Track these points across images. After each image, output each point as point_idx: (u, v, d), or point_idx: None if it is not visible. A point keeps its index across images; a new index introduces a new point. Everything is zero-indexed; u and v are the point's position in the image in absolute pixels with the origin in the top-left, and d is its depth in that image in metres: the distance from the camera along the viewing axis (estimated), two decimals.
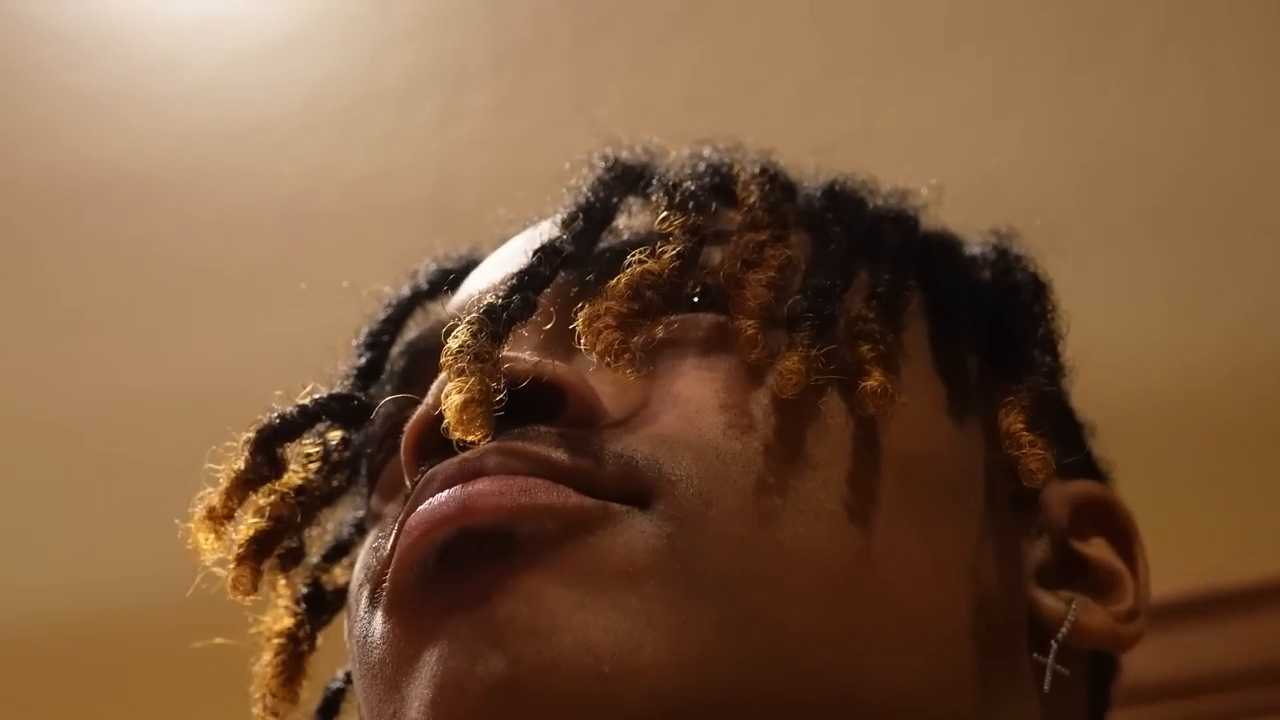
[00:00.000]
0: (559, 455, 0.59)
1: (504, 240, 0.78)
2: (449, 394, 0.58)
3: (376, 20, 1.89)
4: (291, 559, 0.76)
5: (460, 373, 0.58)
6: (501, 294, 0.64)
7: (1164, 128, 1.97)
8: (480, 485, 0.58)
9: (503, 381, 0.59)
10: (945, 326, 0.72)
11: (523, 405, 0.60)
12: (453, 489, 0.58)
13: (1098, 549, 0.72)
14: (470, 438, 0.58)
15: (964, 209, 0.79)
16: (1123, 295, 2.13)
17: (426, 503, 0.59)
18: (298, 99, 1.96)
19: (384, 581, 0.61)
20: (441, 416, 0.59)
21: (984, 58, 1.93)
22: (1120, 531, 0.73)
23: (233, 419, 0.74)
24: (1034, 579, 0.69)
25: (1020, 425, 0.67)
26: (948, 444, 0.67)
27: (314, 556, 0.78)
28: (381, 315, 0.82)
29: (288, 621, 0.76)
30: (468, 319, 0.61)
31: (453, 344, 0.60)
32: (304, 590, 0.77)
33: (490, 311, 0.62)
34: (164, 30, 1.88)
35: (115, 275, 2.12)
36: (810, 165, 0.78)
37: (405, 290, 0.83)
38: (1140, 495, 0.82)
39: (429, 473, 0.60)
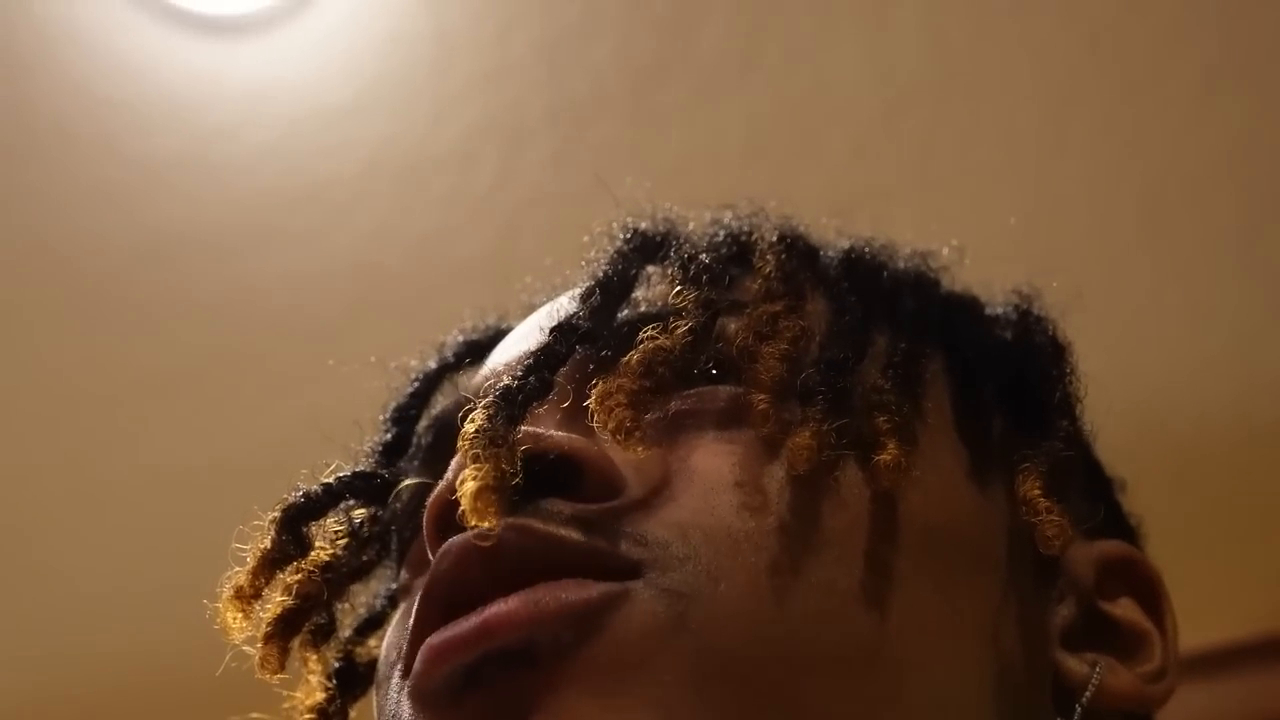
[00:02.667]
0: (571, 534, 0.59)
1: (532, 309, 0.78)
2: (464, 480, 0.59)
3: (433, 82, 1.91)
4: (322, 634, 0.76)
5: (475, 459, 0.59)
6: (518, 374, 0.64)
7: (1220, 162, 1.96)
8: (496, 608, 0.58)
9: (519, 464, 0.59)
10: (966, 390, 0.71)
11: (544, 477, 0.60)
12: (470, 618, 0.58)
13: (1125, 609, 0.71)
14: (483, 524, 0.58)
15: (1022, 249, 0.79)
16: (1184, 329, 2.12)
17: (449, 629, 0.59)
18: (357, 162, 1.98)
19: (412, 668, 0.61)
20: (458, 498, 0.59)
21: (1037, 99, 1.93)
22: (1147, 590, 0.72)
23: (298, 481, 0.74)
24: (1059, 641, 0.68)
25: (1037, 491, 0.67)
26: (968, 509, 0.67)
27: (346, 630, 0.78)
28: (408, 390, 0.82)
29: (319, 696, 0.76)
30: (484, 402, 0.62)
31: (469, 428, 0.60)
32: (336, 665, 0.77)
33: (506, 394, 0.63)
34: (222, 98, 1.91)
35: (180, 341, 2.14)
36: (845, 223, 0.78)
37: (432, 364, 0.83)
38: (1203, 529, 0.81)
39: (443, 548, 0.61)
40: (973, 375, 0.72)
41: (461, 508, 0.58)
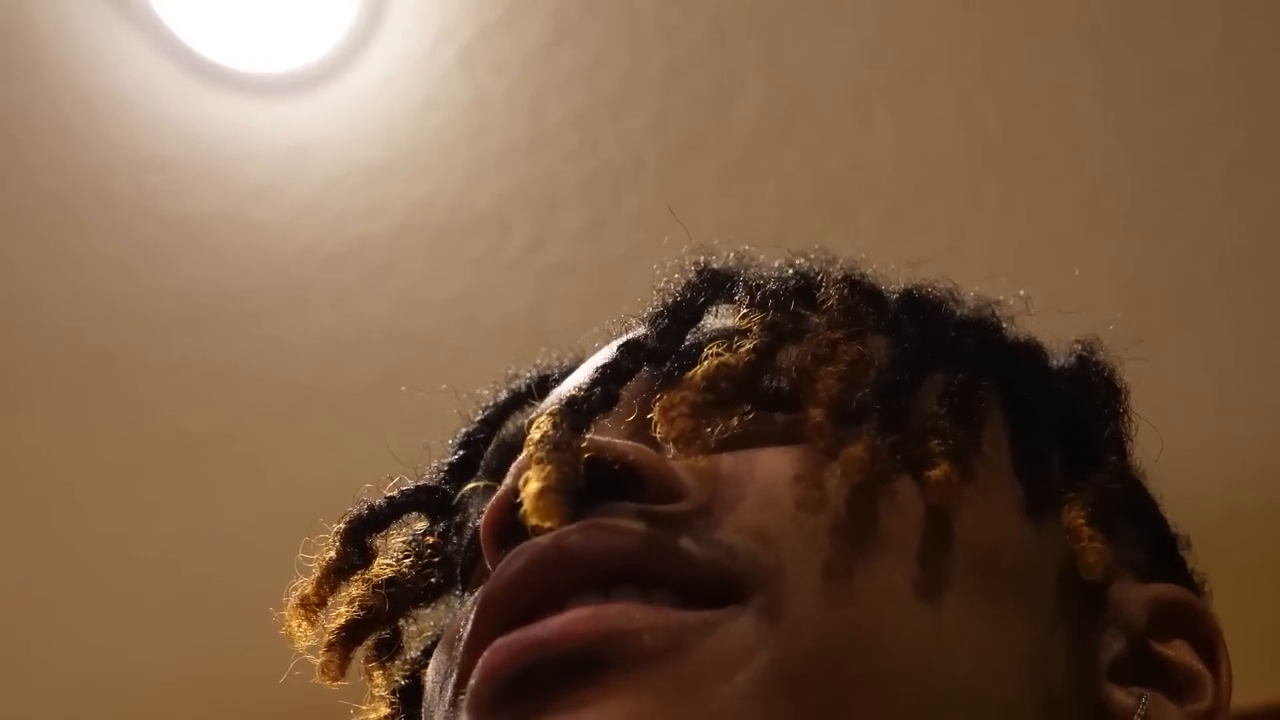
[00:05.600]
0: (652, 534, 0.60)
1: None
2: (527, 480, 0.59)
3: (469, 147, 1.92)
4: (386, 650, 0.77)
5: (540, 461, 0.59)
6: (584, 387, 0.66)
7: (1250, 242, 1.97)
8: (580, 613, 0.58)
9: (582, 470, 0.60)
10: (1024, 427, 0.72)
11: (606, 488, 0.61)
12: (547, 620, 0.58)
13: (1178, 650, 0.71)
14: (546, 524, 0.58)
15: (1053, 327, 0.80)
16: (1214, 408, 2.12)
17: (524, 630, 0.58)
18: (393, 223, 1.99)
19: (469, 675, 0.60)
20: (521, 501, 0.59)
21: (1068, 182, 1.94)
22: (1203, 635, 0.72)
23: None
24: (1107, 675, 0.68)
25: (1081, 520, 0.68)
26: (1019, 540, 0.67)
27: (414, 651, 0.79)
28: (478, 416, 0.83)
29: (384, 711, 0.77)
30: (549, 410, 0.63)
31: (535, 434, 0.61)
32: (401, 683, 0.78)
33: (572, 403, 0.64)
34: (260, 158, 1.93)
35: (216, 398, 2.15)
36: (903, 276, 0.79)
37: (503, 393, 0.84)
38: (1228, 604, 0.82)
39: (513, 551, 0.60)
40: (1029, 413, 0.73)
41: (523, 509, 0.59)
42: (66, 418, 2.15)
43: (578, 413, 0.63)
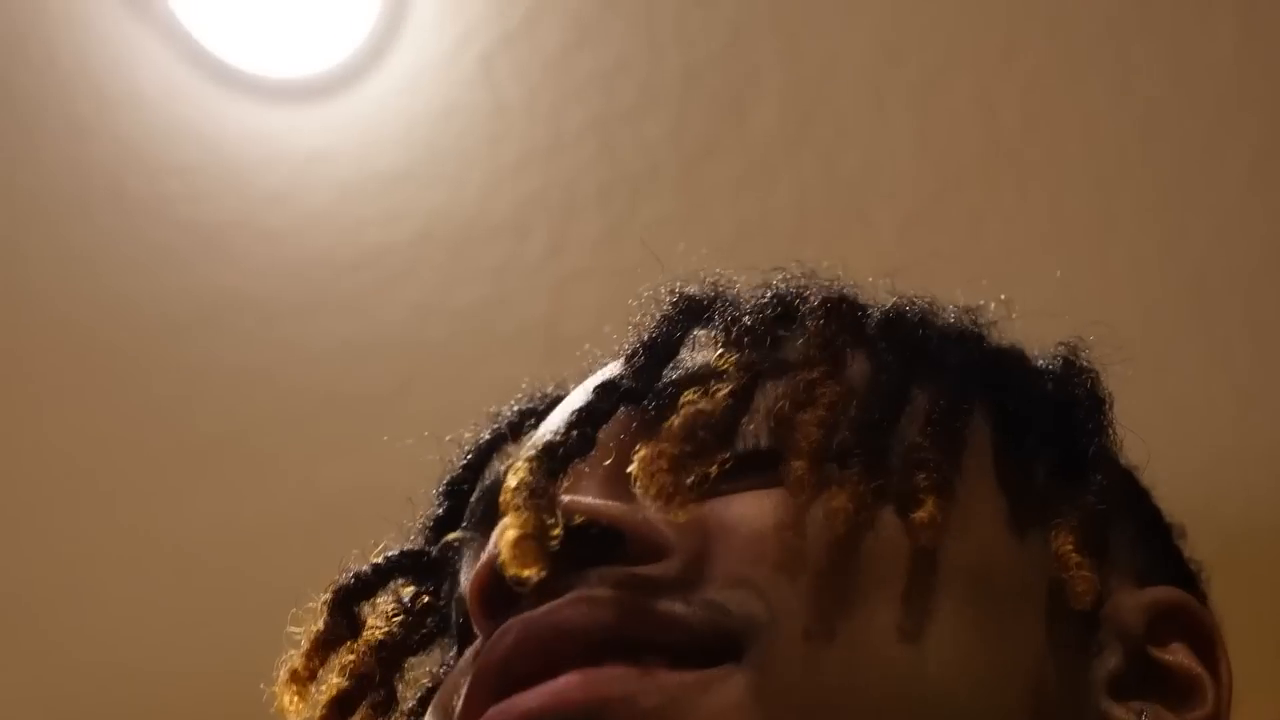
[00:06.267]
0: (643, 601, 0.59)
1: (585, 377, 0.78)
2: (504, 529, 0.59)
3: (487, 153, 1.92)
4: (381, 710, 0.75)
5: (517, 509, 0.59)
6: (560, 431, 0.65)
7: (1271, 240, 1.96)
8: (570, 679, 0.57)
9: (559, 519, 0.59)
10: (1009, 441, 0.71)
11: (583, 546, 0.60)
12: (539, 688, 0.58)
13: (1177, 654, 0.70)
14: (524, 574, 0.58)
15: (1069, 331, 0.79)
16: (1231, 412, 2.11)
17: (518, 698, 0.58)
18: (410, 230, 1.99)
19: None
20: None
21: (1086, 182, 1.94)
22: (1201, 635, 0.71)
23: (346, 546, 0.75)
24: (1105, 690, 0.68)
25: (1069, 547, 0.67)
26: (1008, 560, 0.67)
27: (409, 702, 0.78)
28: (461, 462, 0.82)
29: None
30: (525, 456, 0.62)
31: (510, 481, 0.60)
32: None
33: (548, 449, 0.63)
34: (277, 163, 1.93)
35: (231, 403, 2.15)
36: (890, 288, 0.78)
37: (485, 434, 0.83)
38: (1245, 612, 0.81)
39: (503, 626, 0.60)
40: (1015, 426, 0.72)
41: (500, 558, 0.58)
42: (83, 417, 2.16)
43: (554, 458, 0.63)
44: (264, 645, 0.71)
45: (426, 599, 0.75)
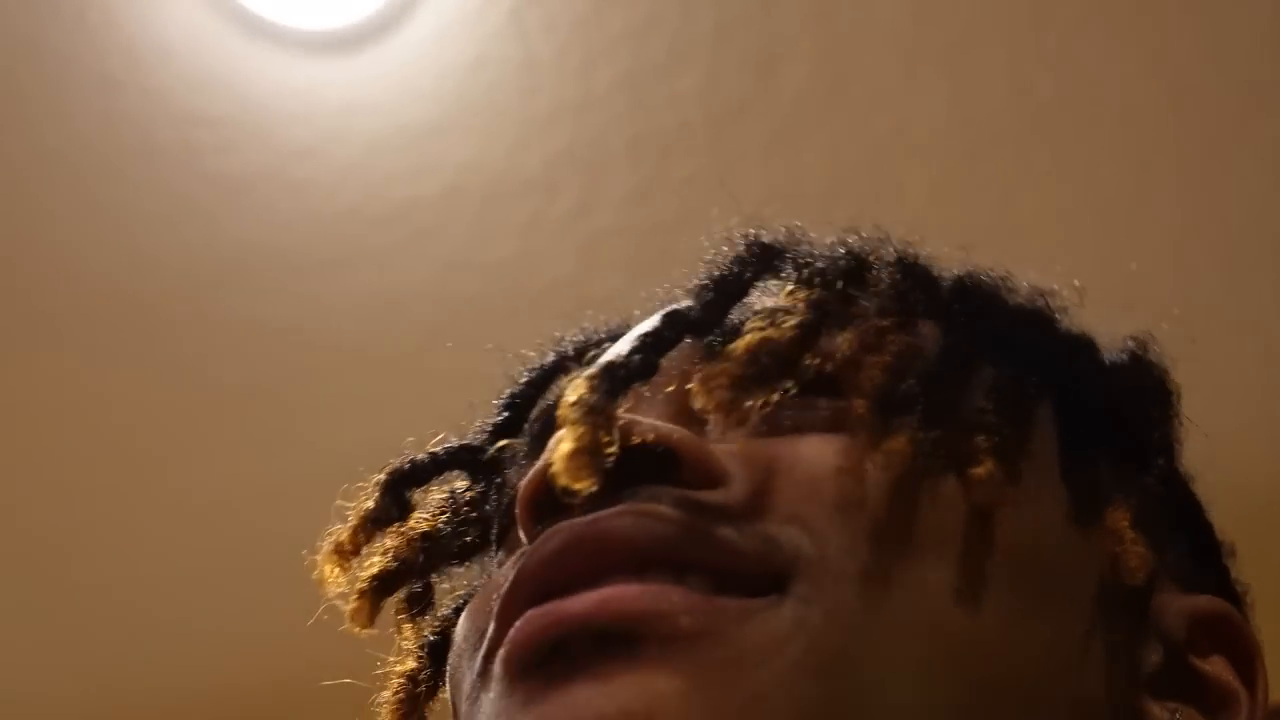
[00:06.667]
0: (695, 522, 0.59)
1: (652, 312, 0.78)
2: (559, 440, 0.59)
3: (518, 108, 1.92)
4: (417, 603, 0.76)
5: (573, 423, 0.59)
6: (624, 354, 0.65)
7: None
8: (619, 590, 0.57)
9: (616, 436, 0.59)
10: (1073, 427, 0.71)
11: (638, 469, 0.60)
12: (582, 594, 0.57)
13: (1215, 666, 0.70)
14: (576, 486, 0.58)
15: (1103, 296, 0.79)
16: (1263, 381, 2.10)
17: (559, 603, 0.58)
18: (440, 185, 1.99)
19: (499, 645, 0.60)
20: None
21: (1120, 149, 1.93)
22: (1241, 651, 0.71)
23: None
24: (1144, 687, 0.68)
25: (1125, 522, 0.66)
26: (1061, 544, 0.66)
27: (445, 608, 0.79)
28: (523, 378, 0.81)
29: (411, 664, 0.76)
30: (586, 374, 0.62)
31: (569, 397, 0.60)
32: (431, 639, 0.78)
33: (609, 368, 0.62)
34: (307, 116, 1.93)
35: (259, 356, 2.16)
36: (953, 257, 0.78)
37: (550, 356, 0.82)
38: (1276, 587, 0.80)
39: (550, 530, 0.60)
40: (1080, 414, 0.72)
41: (552, 469, 0.58)
42: (110, 371, 2.17)
43: (615, 379, 0.62)
44: (286, 598, 0.71)
45: (475, 498, 0.75)
